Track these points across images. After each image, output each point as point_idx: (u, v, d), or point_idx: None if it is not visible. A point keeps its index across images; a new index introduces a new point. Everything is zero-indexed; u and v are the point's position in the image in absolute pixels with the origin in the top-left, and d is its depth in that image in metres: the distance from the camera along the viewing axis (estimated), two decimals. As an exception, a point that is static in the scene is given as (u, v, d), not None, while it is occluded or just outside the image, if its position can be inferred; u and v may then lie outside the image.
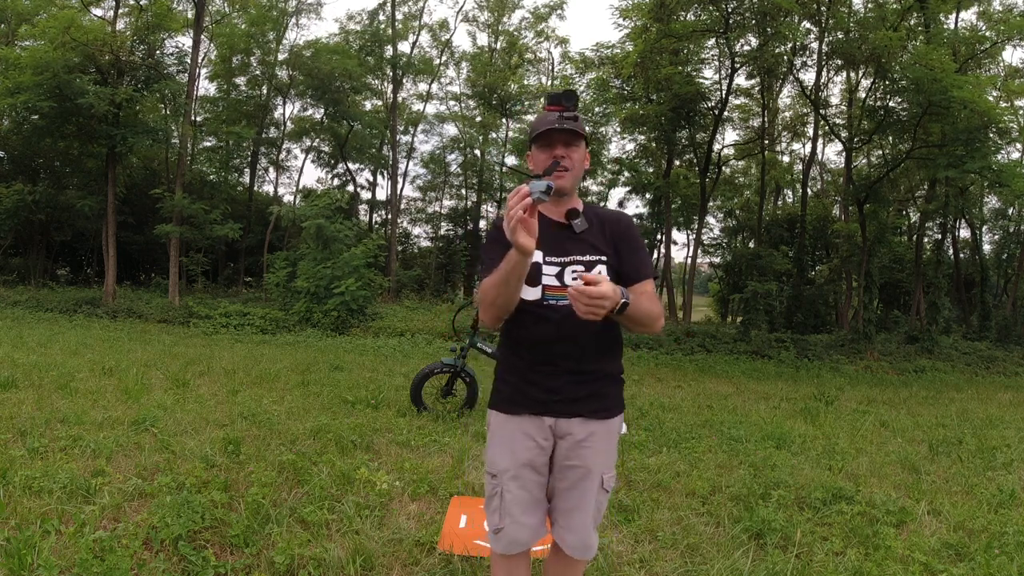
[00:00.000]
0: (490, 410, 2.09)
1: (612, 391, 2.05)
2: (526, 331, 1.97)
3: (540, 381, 1.97)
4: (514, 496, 1.98)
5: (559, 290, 1.93)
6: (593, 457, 1.99)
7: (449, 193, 34.51)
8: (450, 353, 6.48)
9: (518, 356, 2.01)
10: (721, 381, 11.39)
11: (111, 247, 18.59)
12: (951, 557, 3.32)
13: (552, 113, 1.94)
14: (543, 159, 1.96)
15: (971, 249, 27.17)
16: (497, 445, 2.03)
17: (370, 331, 16.30)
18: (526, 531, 2.00)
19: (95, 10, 19.61)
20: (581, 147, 1.98)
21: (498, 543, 2.03)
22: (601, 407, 2.01)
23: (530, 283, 1.92)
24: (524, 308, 1.94)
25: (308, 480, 3.79)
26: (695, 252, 23.64)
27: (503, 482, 1.99)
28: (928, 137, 16.04)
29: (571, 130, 1.92)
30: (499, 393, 2.07)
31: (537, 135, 1.96)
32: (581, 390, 1.98)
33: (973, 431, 7.03)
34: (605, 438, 2.02)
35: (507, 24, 30.91)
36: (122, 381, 6.88)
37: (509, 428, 2.01)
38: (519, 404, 2.00)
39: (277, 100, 27.34)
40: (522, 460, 1.98)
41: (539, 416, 1.98)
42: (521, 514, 1.98)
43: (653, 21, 16.78)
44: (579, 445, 1.98)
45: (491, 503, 2.03)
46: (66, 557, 2.67)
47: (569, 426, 1.98)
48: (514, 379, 2.02)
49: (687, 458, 5.02)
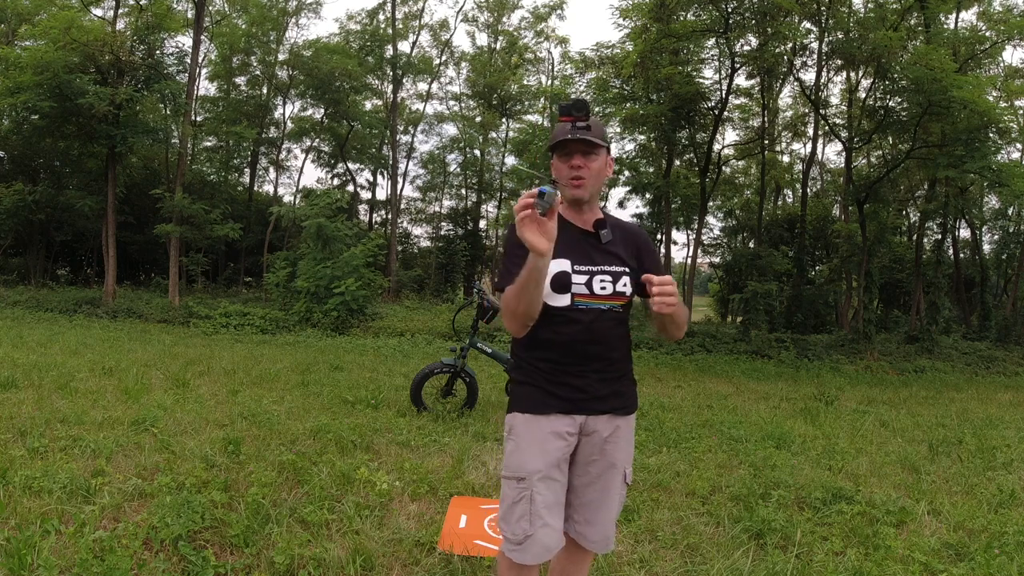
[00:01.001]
0: (513, 414, 2.07)
1: (631, 388, 2.14)
2: (555, 334, 1.99)
3: (570, 380, 2.01)
4: (544, 499, 1.96)
5: (588, 297, 1.99)
6: (617, 452, 2.06)
7: (449, 193, 34.53)
8: (450, 353, 6.48)
9: (546, 358, 2.02)
10: (721, 381, 11.39)
11: (111, 247, 18.59)
12: (951, 557, 3.32)
13: (567, 123, 1.97)
14: (563, 169, 2.01)
15: (971, 249, 27.16)
16: (527, 447, 2.00)
17: (370, 331, 16.30)
18: (555, 535, 1.97)
19: (95, 10, 19.64)
20: (600, 155, 2.01)
21: (526, 552, 1.95)
22: (623, 404, 2.09)
23: (560, 291, 1.97)
24: (553, 313, 1.98)
25: (308, 480, 3.79)
26: (695, 252, 23.65)
27: (533, 484, 1.95)
28: (928, 137, 16.04)
29: (587, 139, 1.95)
30: (525, 395, 2.05)
31: (554, 145, 2.00)
32: (607, 388, 2.04)
33: (973, 431, 7.03)
34: (627, 433, 2.11)
35: (507, 24, 30.94)
36: (122, 381, 6.88)
37: (540, 428, 2.00)
38: (549, 404, 2.01)
39: (277, 100, 27.35)
40: (553, 460, 1.99)
41: (568, 415, 2.01)
42: (551, 517, 1.97)
43: (653, 21, 16.77)
44: (605, 441, 2.05)
45: (515, 510, 1.96)
46: (66, 557, 2.67)
47: (596, 423, 2.04)
48: (542, 380, 2.03)
49: (687, 458, 5.02)
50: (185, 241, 20.53)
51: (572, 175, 1.99)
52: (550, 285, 1.96)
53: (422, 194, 34.58)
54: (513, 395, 2.10)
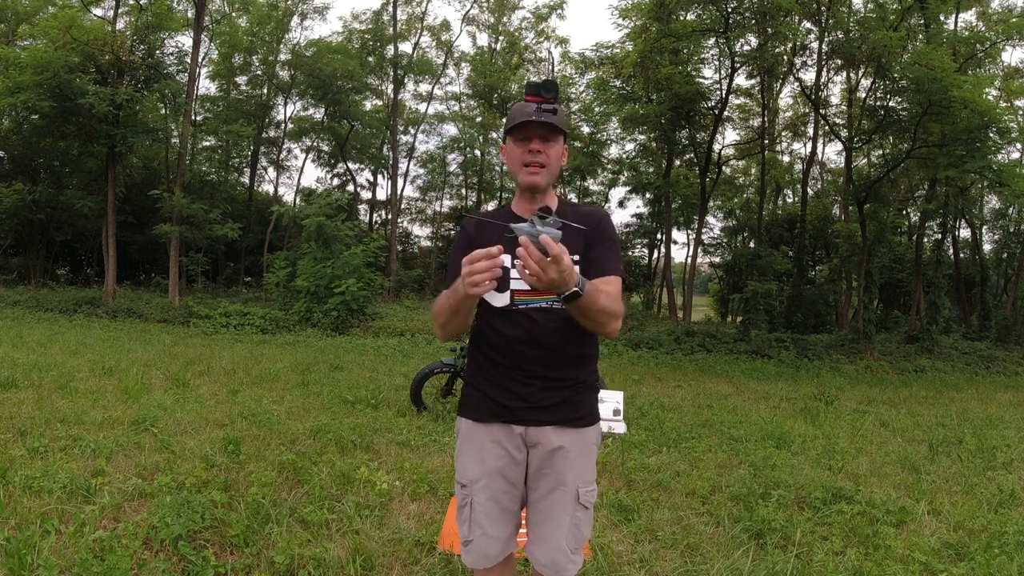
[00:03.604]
0: (459, 417, 1.98)
1: (586, 399, 1.93)
2: (496, 336, 1.86)
3: (513, 387, 1.86)
4: (483, 507, 1.88)
5: (528, 294, 1.81)
6: (566, 468, 1.87)
7: (449, 193, 34.53)
8: (450, 353, 6.48)
9: (488, 362, 1.90)
10: (721, 381, 11.39)
11: (111, 247, 18.59)
12: (951, 557, 3.32)
13: (531, 104, 1.80)
14: (518, 153, 1.84)
15: (971, 249, 27.16)
16: (466, 453, 1.92)
17: (370, 331, 16.30)
18: (495, 544, 1.89)
19: (95, 10, 19.63)
20: (559, 142, 1.86)
21: (467, 556, 1.95)
22: (574, 415, 1.89)
23: (498, 289, 1.72)
24: (493, 313, 1.86)
25: (308, 480, 3.79)
26: (695, 252, 23.60)
27: (472, 492, 1.89)
28: (928, 137, 16.04)
29: (549, 123, 1.80)
30: (468, 400, 1.96)
31: (513, 127, 1.83)
32: (553, 397, 1.86)
33: (973, 431, 7.03)
34: (580, 449, 1.89)
35: (507, 24, 30.93)
36: (122, 381, 6.88)
37: (478, 436, 1.91)
38: (488, 412, 1.90)
39: (278, 100, 27.35)
40: (492, 469, 1.88)
41: (508, 424, 1.88)
42: (490, 526, 1.88)
43: (653, 21, 16.79)
44: (552, 455, 1.87)
45: (461, 514, 1.93)
46: (66, 557, 2.67)
47: (540, 434, 1.87)
48: (484, 385, 1.91)
49: (687, 458, 5.02)
50: (185, 241, 20.53)
51: (528, 160, 1.82)
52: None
53: (422, 194, 34.62)
54: (461, 397, 2.02)
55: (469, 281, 1.55)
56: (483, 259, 1.54)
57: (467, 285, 1.57)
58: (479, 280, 1.55)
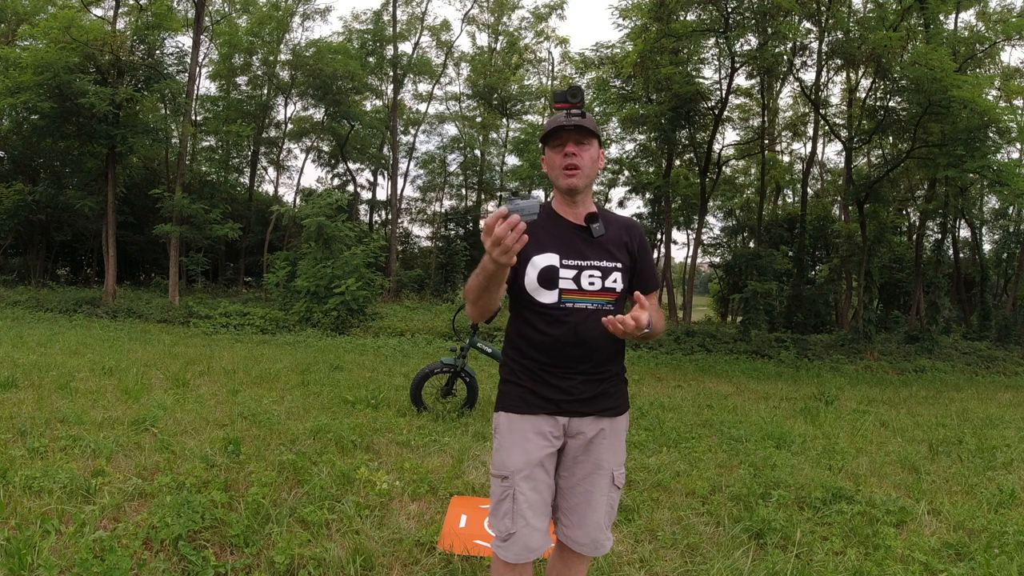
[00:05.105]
0: (499, 412, 2.05)
1: (620, 389, 2.08)
2: (541, 333, 1.96)
3: (554, 382, 1.97)
4: (527, 498, 1.94)
5: (575, 293, 1.94)
6: (603, 453, 2.02)
7: (449, 193, 34.55)
8: (450, 353, 6.48)
9: (531, 357, 1.99)
10: (721, 381, 11.39)
11: (111, 247, 18.59)
12: (951, 557, 3.32)
13: (561, 112, 1.93)
14: (557, 160, 1.95)
15: (971, 249, 27.17)
16: (509, 446, 1.99)
17: (370, 331, 16.30)
18: (538, 536, 1.95)
19: (95, 10, 19.64)
20: (593, 145, 1.96)
21: (508, 551, 1.96)
22: (611, 405, 2.04)
23: (547, 286, 1.93)
24: (540, 311, 1.95)
25: (308, 480, 3.79)
26: (695, 252, 23.60)
27: (515, 483, 1.94)
28: (928, 137, 16.03)
29: (581, 127, 1.90)
30: (510, 394, 2.03)
31: (547, 135, 1.95)
32: (592, 389, 1.99)
33: (973, 431, 7.03)
34: (614, 434, 2.05)
35: (507, 24, 30.94)
36: (122, 381, 6.87)
37: (522, 427, 1.98)
38: (533, 405, 1.98)
39: (278, 100, 27.36)
40: (535, 459, 1.95)
41: (552, 416, 1.98)
42: (533, 516, 1.94)
43: (653, 21, 16.78)
44: (590, 442, 2.01)
45: (500, 508, 1.97)
46: (66, 557, 2.67)
47: (581, 425, 2.00)
48: (527, 380, 2.00)
49: (687, 458, 5.02)
50: (185, 241, 20.54)
51: (566, 163, 1.93)
52: (537, 279, 1.93)
53: (422, 194, 34.65)
54: (500, 393, 2.09)
55: (500, 249, 1.62)
56: (496, 225, 1.61)
57: (499, 254, 1.63)
58: (510, 244, 1.61)
